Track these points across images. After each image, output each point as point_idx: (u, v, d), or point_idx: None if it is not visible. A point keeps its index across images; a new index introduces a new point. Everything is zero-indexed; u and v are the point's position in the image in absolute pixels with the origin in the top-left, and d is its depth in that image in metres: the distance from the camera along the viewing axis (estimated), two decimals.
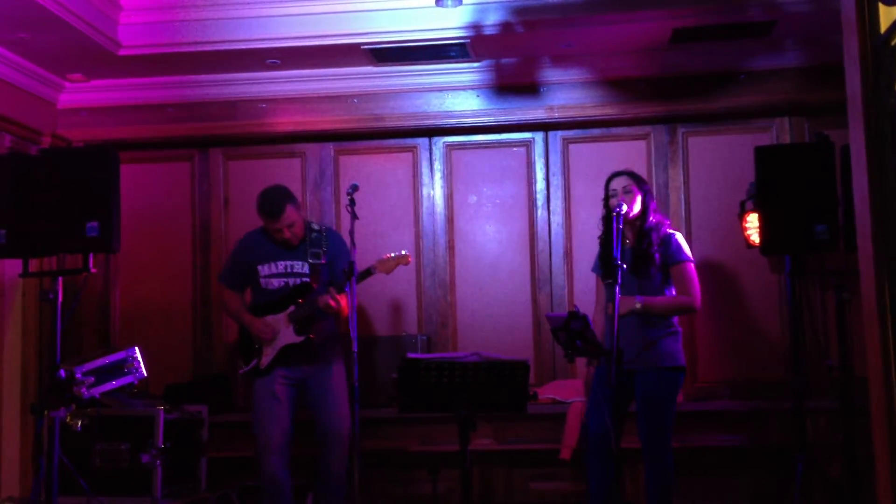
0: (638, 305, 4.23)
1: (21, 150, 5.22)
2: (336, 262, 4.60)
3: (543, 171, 5.64)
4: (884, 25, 2.49)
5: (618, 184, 4.38)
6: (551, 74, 5.50)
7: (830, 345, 4.99)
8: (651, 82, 5.46)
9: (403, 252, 4.59)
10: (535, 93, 5.53)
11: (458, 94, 5.61)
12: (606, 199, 4.41)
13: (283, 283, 4.66)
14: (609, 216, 4.23)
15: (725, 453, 5.01)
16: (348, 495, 4.54)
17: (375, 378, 5.02)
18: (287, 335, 4.59)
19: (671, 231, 4.40)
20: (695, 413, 5.06)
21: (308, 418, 4.76)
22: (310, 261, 4.63)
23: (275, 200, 4.59)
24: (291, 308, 4.61)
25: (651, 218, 4.36)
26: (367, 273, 4.55)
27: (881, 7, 2.50)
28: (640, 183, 4.40)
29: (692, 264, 4.35)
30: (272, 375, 4.60)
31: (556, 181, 5.62)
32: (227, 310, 4.87)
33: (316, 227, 4.63)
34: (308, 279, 4.62)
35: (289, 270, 4.68)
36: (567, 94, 5.53)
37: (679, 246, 4.36)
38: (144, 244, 5.76)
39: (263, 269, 4.69)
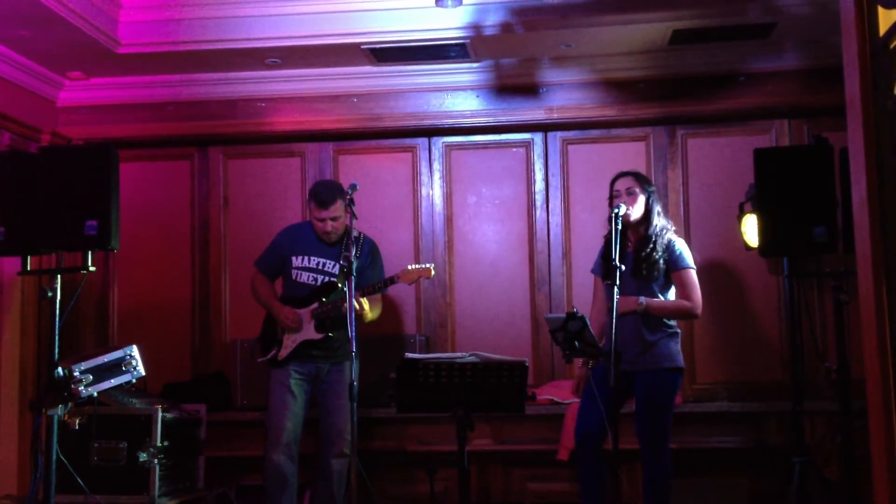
0: (640, 306, 4.24)
1: (20, 147, 5.22)
2: (367, 269, 4.76)
3: (542, 171, 5.64)
4: (883, 28, 2.49)
5: (621, 185, 4.38)
6: (551, 75, 5.50)
7: (828, 347, 4.99)
8: (650, 83, 5.46)
9: (427, 265, 4.70)
10: (534, 93, 5.54)
11: (458, 95, 5.61)
12: (611, 199, 4.40)
13: (311, 279, 4.79)
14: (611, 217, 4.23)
15: (723, 454, 5.02)
16: (347, 493, 4.57)
17: (374, 378, 5.02)
18: (307, 331, 4.73)
19: (674, 237, 4.39)
20: (693, 414, 5.06)
21: (312, 416, 4.79)
22: (342, 262, 4.72)
23: (328, 190, 4.77)
24: (315, 305, 4.72)
25: (654, 222, 4.35)
26: (390, 281, 4.69)
27: (880, 10, 2.50)
28: (644, 185, 4.39)
29: (693, 271, 4.36)
30: (287, 368, 4.75)
31: (555, 182, 5.63)
32: (257, 295, 4.95)
33: (356, 233, 4.68)
34: (335, 279, 4.72)
35: (320, 267, 4.81)
36: (566, 94, 5.53)
37: (681, 253, 4.35)
38: (143, 242, 5.76)
39: (296, 261, 4.83)
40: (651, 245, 4.31)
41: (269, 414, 4.77)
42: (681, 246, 4.38)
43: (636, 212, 4.32)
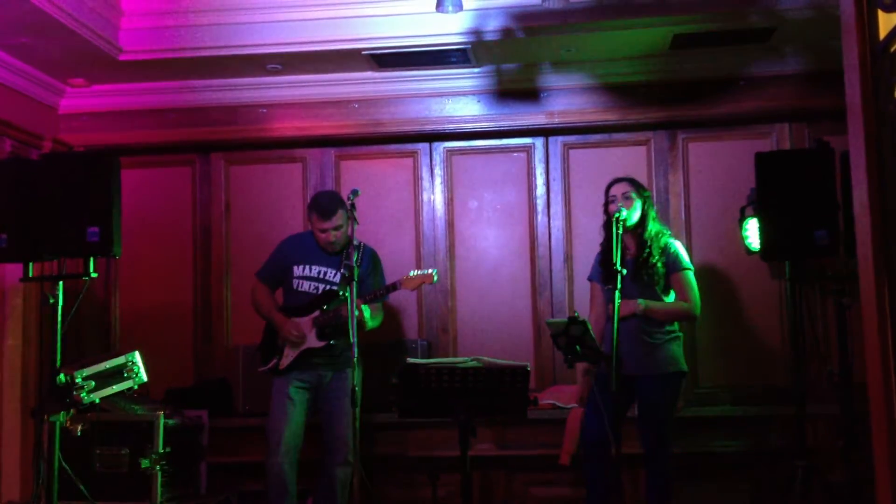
0: (640, 308, 4.24)
1: (22, 154, 5.23)
2: (368, 277, 4.76)
3: (544, 176, 5.64)
4: (883, 31, 2.49)
5: (617, 190, 4.40)
6: (552, 80, 5.51)
7: (831, 350, 4.98)
8: (651, 88, 5.47)
9: (430, 271, 4.68)
10: (535, 98, 5.54)
11: (459, 100, 5.61)
12: (606, 204, 4.43)
13: (313, 288, 4.79)
14: (609, 222, 4.26)
15: (726, 458, 5.01)
16: (349, 499, 4.57)
17: (376, 383, 5.02)
18: (309, 339, 4.73)
19: (670, 239, 4.42)
20: (695, 418, 5.05)
21: (314, 422, 4.79)
22: (342, 271, 4.72)
23: (330, 200, 4.78)
24: (316, 313, 4.72)
25: (650, 226, 4.38)
26: (392, 288, 4.68)
27: (880, 13, 2.50)
28: (640, 190, 4.43)
29: (691, 272, 4.37)
30: (289, 377, 4.74)
31: (557, 186, 5.63)
32: (258, 306, 4.94)
33: (356, 242, 4.69)
34: (336, 288, 4.72)
35: (321, 276, 4.81)
36: (567, 99, 5.54)
37: (678, 254, 4.38)
38: (145, 249, 5.76)
39: (297, 270, 4.83)
40: (648, 249, 4.33)
41: (269, 421, 4.76)
42: (678, 247, 4.41)
43: (633, 216, 4.34)
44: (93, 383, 4.06)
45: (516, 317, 5.59)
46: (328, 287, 4.78)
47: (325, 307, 4.73)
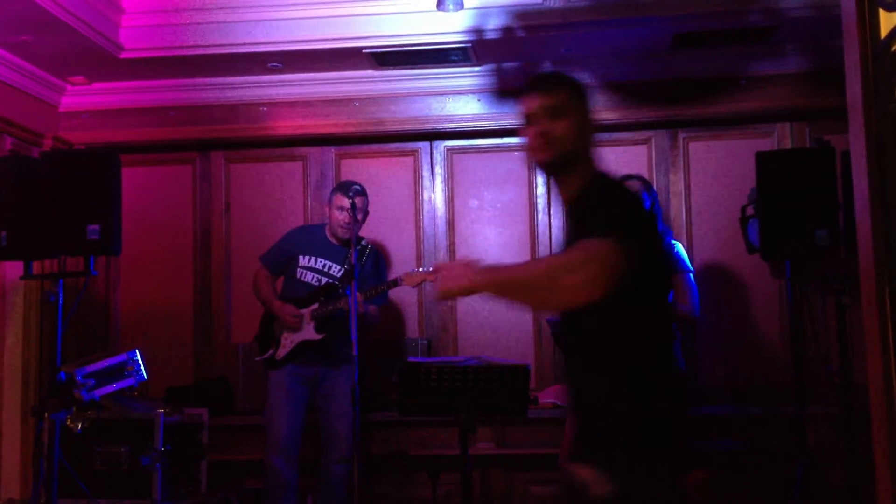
0: None
1: (23, 152, 5.23)
2: (371, 277, 4.78)
3: (544, 175, 5.64)
4: (884, 31, 2.49)
5: (630, 188, 4.39)
6: None
7: (831, 350, 4.98)
8: (652, 87, 5.46)
9: (432, 268, 4.65)
10: None
11: (460, 98, 5.61)
12: None
13: (315, 280, 4.81)
14: None
15: (726, 458, 5.00)
16: (348, 498, 4.57)
17: (376, 381, 5.01)
18: (307, 331, 4.72)
19: (672, 241, 4.42)
20: (695, 418, 5.05)
21: (313, 420, 4.79)
22: (346, 267, 4.72)
23: (356, 184, 4.80)
24: (315, 305, 4.72)
25: (659, 227, 4.38)
26: (393, 284, 4.69)
27: (882, 13, 2.50)
28: (650, 190, 4.43)
29: (692, 274, 4.37)
30: (285, 370, 4.75)
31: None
32: (259, 292, 4.94)
33: (364, 241, 4.68)
34: (337, 282, 4.73)
35: (325, 269, 4.83)
36: None
37: (681, 256, 4.38)
38: (146, 247, 5.76)
39: (302, 260, 4.85)
40: None
41: (267, 418, 4.76)
42: (680, 249, 4.41)
43: None
44: (93, 381, 4.06)
45: (517, 315, 5.58)
46: (329, 280, 4.77)
47: (323, 300, 4.72)
